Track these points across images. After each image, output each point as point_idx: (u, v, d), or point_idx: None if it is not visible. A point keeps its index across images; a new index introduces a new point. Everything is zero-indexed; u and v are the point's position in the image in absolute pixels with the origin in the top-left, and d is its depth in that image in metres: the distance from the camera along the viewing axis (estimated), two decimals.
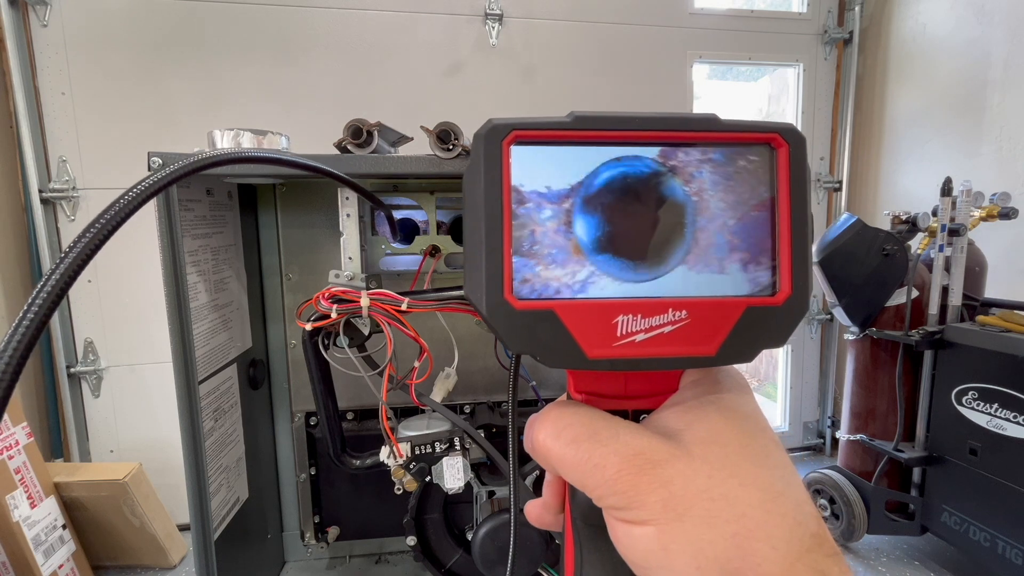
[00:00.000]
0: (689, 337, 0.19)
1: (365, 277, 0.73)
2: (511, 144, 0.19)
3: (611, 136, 0.19)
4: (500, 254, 0.19)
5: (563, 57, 1.96)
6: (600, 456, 0.19)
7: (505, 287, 0.19)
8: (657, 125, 0.19)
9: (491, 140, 0.19)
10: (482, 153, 0.19)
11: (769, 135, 0.19)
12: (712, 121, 0.19)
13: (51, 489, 1.46)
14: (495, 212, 0.19)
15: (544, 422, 0.21)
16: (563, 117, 0.19)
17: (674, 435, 0.19)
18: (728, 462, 0.18)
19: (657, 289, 0.19)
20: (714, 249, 0.19)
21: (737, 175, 0.19)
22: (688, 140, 0.19)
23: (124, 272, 1.70)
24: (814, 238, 0.42)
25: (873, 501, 1.54)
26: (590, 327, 0.19)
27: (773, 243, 0.19)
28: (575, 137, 0.19)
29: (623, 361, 0.19)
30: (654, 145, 0.19)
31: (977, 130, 1.75)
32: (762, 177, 0.19)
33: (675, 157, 0.19)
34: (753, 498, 0.18)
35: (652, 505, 0.18)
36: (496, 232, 0.19)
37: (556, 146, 0.19)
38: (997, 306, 1.48)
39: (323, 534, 1.02)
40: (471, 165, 0.19)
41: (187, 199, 0.75)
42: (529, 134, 0.19)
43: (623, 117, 0.19)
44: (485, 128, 0.19)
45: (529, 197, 0.19)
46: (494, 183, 0.19)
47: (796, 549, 0.17)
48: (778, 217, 0.19)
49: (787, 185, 0.19)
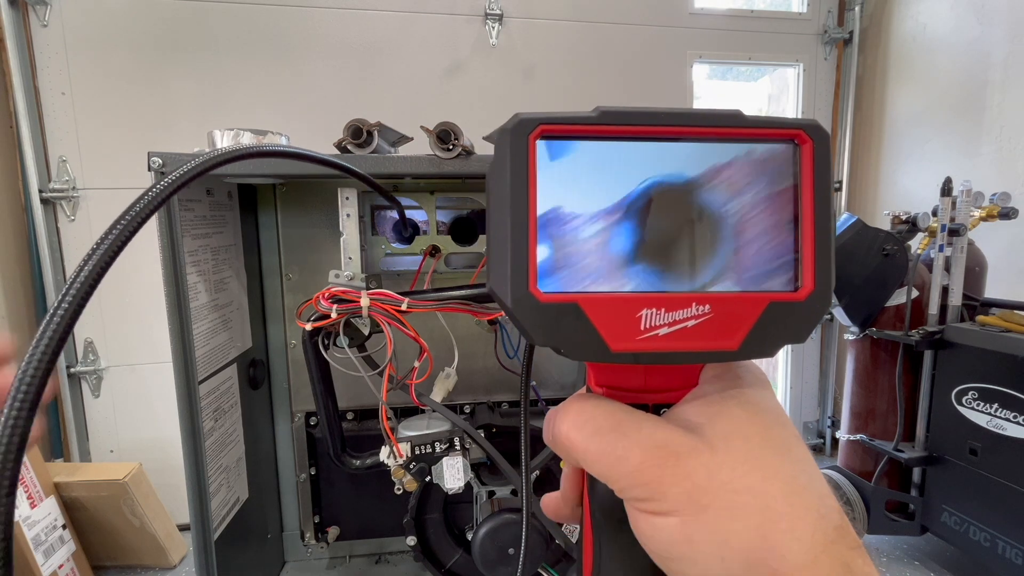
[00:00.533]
0: (712, 331, 0.19)
1: (365, 277, 0.73)
2: (537, 139, 0.19)
3: (636, 131, 0.19)
4: (525, 248, 0.19)
5: (563, 57, 1.96)
6: (623, 448, 0.19)
7: (530, 280, 0.19)
8: (682, 120, 0.19)
9: (518, 134, 0.19)
10: (508, 147, 0.19)
11: (794, 131, 0.19)
12: (737, 117, 0.19)
13: (51, 489, 1.46)
14: (521, 206, 0.19)
15: (567, 414, 0.21)
16: (589, 112, 0.19)
17: (696, 428, 0.19)
18: (751, 455, 0.18)
19: (683, 277, 0.19)
20: (752, 256, 0.20)
21: (763, 171, 0.20)
22: (713, 135, 0.19)
23: (124, 272, 1.70)
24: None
25: (873, 501, 1.54)
26: (614, 320, 0.19)
27: (796, 238, 0.20)
28: (601, 132, 0.19)
29: (646, 355, 0.19)
30: (679, 140, 0.19)
31: (977, 130, 1.75)
32: (786, 173, 0.20)
33: (711, 168, 0.19)
34: (776, 491, 0.18)
35: (676, 496, 0.18)
36: (522, 226, 0.19)
37: (584, 141, 0.19)
38: (997, 306, 1.47)
39: (323, 534, 1.02)
40: (496, 159, 0.19)
41: (187, 199, 0.75)
42: (556, 128, 0.19)
43: (649, 112, 0.19)
44: (512, 122, 0.19)
45: (569, 217, 0.19)
46: (520, 177, 0.19)
47: (820, 541, 0.17)
48: (801, 213, 0.19)
49: (811, 181, 0.19)
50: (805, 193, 0.19)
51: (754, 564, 0.17)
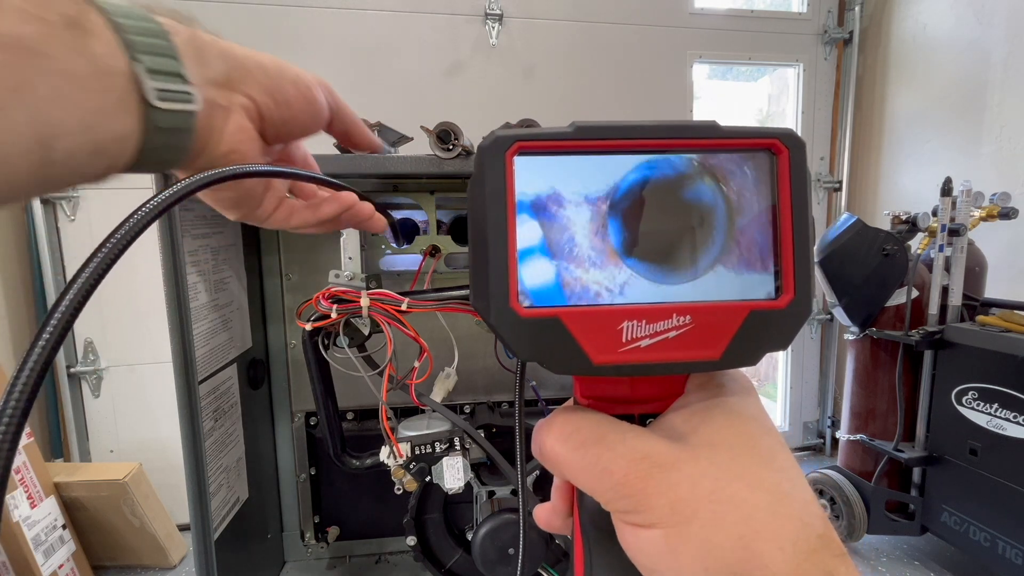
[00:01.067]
0: (694, 342, 0.19)
1: (365, 277, 0.73)
2: (514, 155, 0.19)
3: (612, 145, 0.19)
4: (505, 264, 0.19)
5: (563, 57, 1.96)
6: (607, 460, 0.19)
7: (511, 296, 0.19)
8: (658, 133, 0.19)
9: (495, 151, 0.19)
10: (486, 165, 0.19)
11: (769, 140, 0.20)
12: (712, 128, 0.20)
13: (51, 489, 1.46)
14: (500, 223, 0.19)
15: (552, 428, 0.21)
16: (565, 128, 0.19)
17: (681, 438, 0.19)
18: (734, 464, 0.18)
19: (674, 294, 0.20)
20: (732, 266, 0.20)
21: (743, 180, 0.20)
22: (689, 147, 0.20)
23: (124, 272, 1.70)
24: (815, 239, 0.43)
25: (873, 501, 1.54)
26: (595, 334, 0.19)
27: (775, 247, 0.20)
28: (577, 147, 0.19)
29: (629, 367, 0.19)
30: (655, 153, 0.19)
31: (977, 130, 1.75)
32: (764, 182, 0.20)
33: (704, 160, 0.20)
34: (760, 500, 0.18)
35: (660, 508, 0.18)
36: (501, 242, 0.19)
37: (561, 156, 0.19)
38: (997, 306, 1.47)
39: (323, 534, 1.02)
40: (475, 176, 0.20)
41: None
42: (532, 145, 0.19)
43: (624, 126, 0.19)
44: (488, 140, 0.19)
45: (566, 201, 0.19)
46: (498, 194, 0.19)
47: (803, 550, 0.17)
48: (780, 221, 0.20)
49: (788, 189, 0.20)
50: (783, 201, 0.20)
51: (738, 575, 0.17)
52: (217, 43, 0.27)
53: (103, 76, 0.21)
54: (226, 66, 0.27)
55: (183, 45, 0.24)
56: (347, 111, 0.34)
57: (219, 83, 0.27)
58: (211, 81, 0.26)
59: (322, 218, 0.34)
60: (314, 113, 0.31)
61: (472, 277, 0.21)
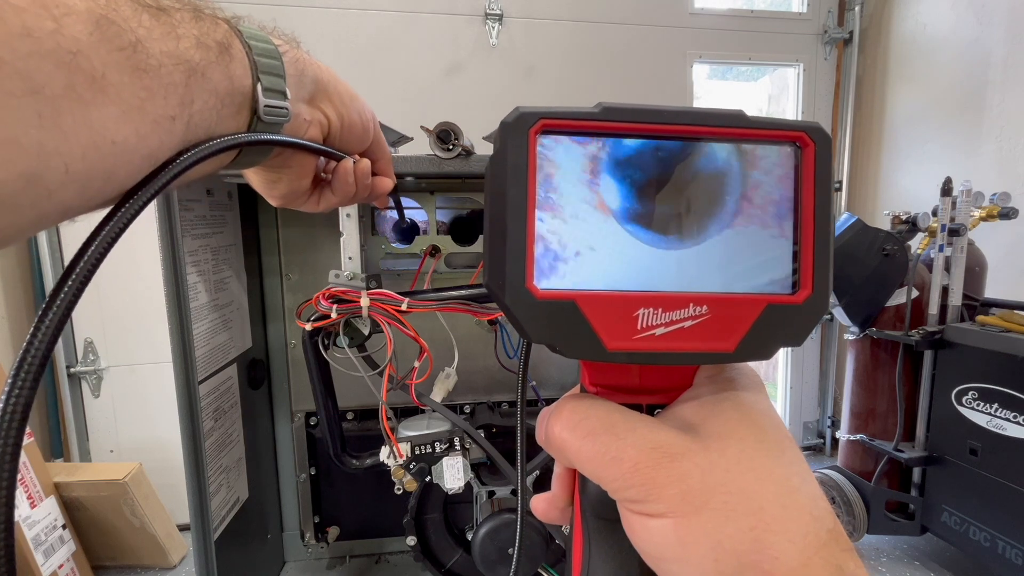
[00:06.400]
0: (709, 332, 0.19)
1: (365, 277, 0.73)
2: (538, 133, 0.19)
3: (638, 128, 0.19)
4: (523, 243, 0.18)
5: (563, 57, 1.96)
6: (617, 449, 0.19)
7: (528, 276, 0.19)
8: (685, 119, 0.19)
9: (518, 128, 0.18)
10: (508, 141, 0.19)
11: (796, 133, 0.19)
12: (739, 117, 0.19)
13: (51, 489, 1.46)
14: (520, 201, 0.18)
15: (560, 414, 0.21)
16: (591, 107, 0.19)
17: (690, 429, 0.19)
18: (745, 457, 0.19)
19: (681, 276, 0.19)
20: (751, 258, 0.19)
21: (764, 171, 0.20)
22: (715, 135, 0.19)
23: (124, 272, 1.70)
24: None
25: (873, 501, 1.54)
26: (610, 319, 0.19)
27: (796, 241, 0.20)
28: (602, 128, 0.19)
29: (642, 354, 0.19)
30: (681, 139, 0.19)
31: (977, 130, 1.75)
32: (787, 175, 0.20)
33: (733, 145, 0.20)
34: (770, 493, 0.18)
35: (670, 498, 0.18)
36: (520, 221, 0.18)
37: (585, 137, 0.19)
38: (997, 306, 1.47)
39: (323, 534, 1.02)
40: (496, 153, 0.19)
41: (187, 199, 0.75)
42: (557, 123, 0.19)
43: (652, 109, 0.19)
44: (512, 115, 0.19)
45: (555, 142, 0.19)
46: (520, 172, 0.18)
47: (813, 543, 0.17)
48: (802, 216, 0.19)
49: (812, 184, 0.19)
50: (806, 196, 0.19)
51: (747, 566, 0.17)
52: (311, 64, 0.33)
53: (236, 93, 0.26)
54: (315, 87, 0.33)
55: (288, 66, 0.30)
56: (384, 145, 0.41)
57: (306, 100, 0.33)
58: (302, 99, 0.32)
59: (346, 192, 0.39)
60: (364, 140, 0.39)
61: (487, 256, 0.20)
